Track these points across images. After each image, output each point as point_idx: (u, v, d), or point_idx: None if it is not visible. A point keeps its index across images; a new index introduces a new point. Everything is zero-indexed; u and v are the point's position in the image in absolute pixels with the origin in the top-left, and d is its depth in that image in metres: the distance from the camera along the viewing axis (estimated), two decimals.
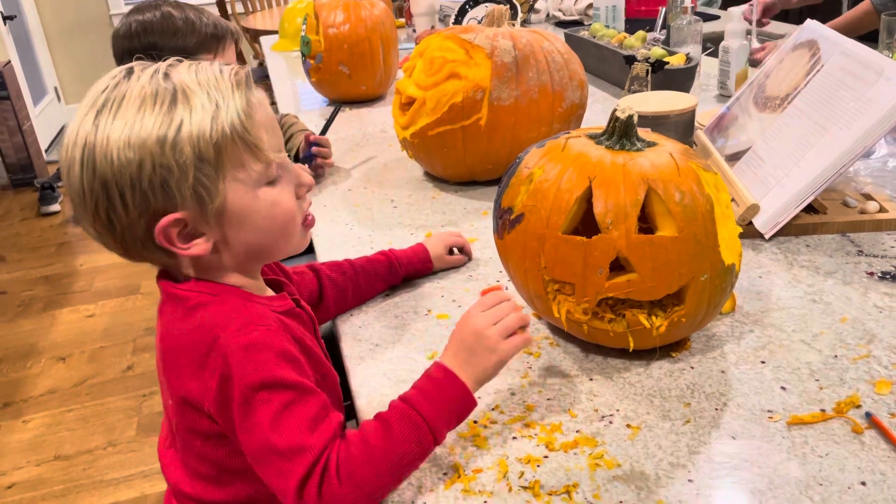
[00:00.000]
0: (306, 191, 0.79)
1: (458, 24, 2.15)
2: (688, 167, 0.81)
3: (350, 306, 1.01)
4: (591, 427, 0.76)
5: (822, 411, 0.75)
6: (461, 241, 1.10)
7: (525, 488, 0.69)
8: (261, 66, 4.17)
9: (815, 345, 0.86)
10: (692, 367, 0.84)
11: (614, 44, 1.90)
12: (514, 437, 0.75)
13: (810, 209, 1.12)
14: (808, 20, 1.25)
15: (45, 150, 4.46)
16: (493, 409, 0.79)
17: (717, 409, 0.77)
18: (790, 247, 1.07)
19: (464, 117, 1.26)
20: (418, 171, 1.47)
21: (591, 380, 0.83)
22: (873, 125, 1.01)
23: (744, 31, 1.69)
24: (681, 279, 0.79)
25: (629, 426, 0.75)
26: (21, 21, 4.57)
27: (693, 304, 0.80)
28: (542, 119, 1.28)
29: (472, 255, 1.11)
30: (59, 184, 3.89)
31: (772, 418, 0.75)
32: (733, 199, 1.11)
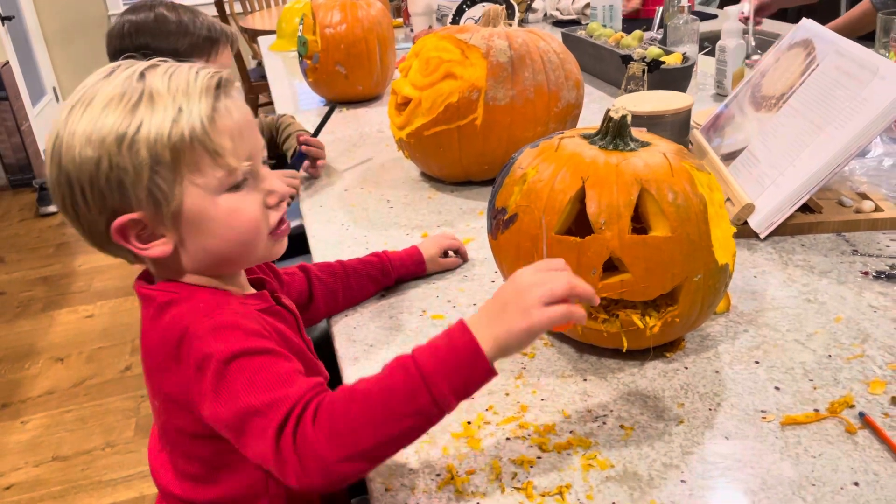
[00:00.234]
0: (278, 199, 0.76)
1: (455, 23, 2.15)
2: (681, 167, 0.81)
3: (342, 307, 1.01)
4: (584, 428, 0.76)
5: (816, 411, 0.75)
6: (456, 243, 1.10)
7: (518, 489, 0.69)
8: (259, 66, 4.17)
9: (809, 344, 0.85)
10: (686, 368, 0.83)
11: (611, 43, 1.90)
12: (508, 438, 0.75)
13: (805, 208, 1.12)
14: (804, 19, 1.25)
15: (44, 151, 4.45)
16: (486, 410, 0.79)
17: (710, 410, 0.77)
18: (785, 246, 1.07)
19: (459, 117, 1.26)
20: (414, 171, 1.47)
21: (585, 380, 0.83)
22: (868, 124, 1.01)
23: (740, 31, 1.69)
24: (674, 279, 0.79)
25: (623, 427, 0.75)
26: (19, 21, 4.57)
27: (687, 304, 0.80)
28: (538, 119, 1.28)
29: (467, 258, 1.11)
30: None
31: (765, 418, 0.75)
32: (728, 199, 1.11)
